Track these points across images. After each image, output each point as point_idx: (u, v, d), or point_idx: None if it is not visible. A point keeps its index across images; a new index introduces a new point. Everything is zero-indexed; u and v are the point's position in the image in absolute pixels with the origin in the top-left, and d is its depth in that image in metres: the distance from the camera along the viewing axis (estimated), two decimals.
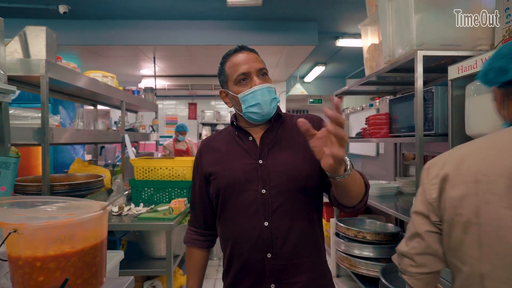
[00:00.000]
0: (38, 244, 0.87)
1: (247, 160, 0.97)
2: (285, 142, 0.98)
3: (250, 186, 0.94)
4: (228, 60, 0.99)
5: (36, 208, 0.97)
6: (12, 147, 1.12)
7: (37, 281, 0.86)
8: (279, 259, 0.92)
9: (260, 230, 0.92)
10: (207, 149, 1.06)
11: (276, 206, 0.93)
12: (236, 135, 1.03)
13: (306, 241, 0.95)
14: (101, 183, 2.26)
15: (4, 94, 1.10)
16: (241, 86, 0.96)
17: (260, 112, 0.95)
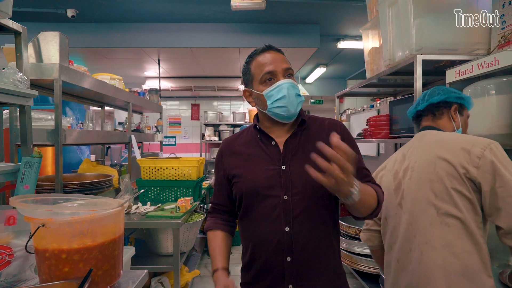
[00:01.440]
0: (63, 237, 0.94)
1: (269, 165, 0.97)
2: (308, 148, 0.97)
3: (272, 192, 0.95)
4: (254, 59, 0.98)
5: (60, 205, 1.04)
6: (35, 148, 1.19)
7: (63, 271, 0.94)
8: (297, 263, 0.94)
9: (281, 235, 0.94)
10: (229, 150, 1.06)
11: (297, 212, 0.94)
12: (259, 139, 1.02)
13: (324, 245, 0.97)
14: (110, 182, 2.33)
15: (27, 98, 1.17)
16: (266, 85, 0.96)
17: (286, 106, 0.94)
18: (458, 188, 0.98)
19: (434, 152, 1.06)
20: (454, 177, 0.99)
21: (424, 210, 1.03)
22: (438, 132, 1.15)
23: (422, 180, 1.06)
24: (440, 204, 1.00)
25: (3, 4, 1.04)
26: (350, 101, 6.81)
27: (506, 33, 1.53)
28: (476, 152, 0.97)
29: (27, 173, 1.11)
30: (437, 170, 1.02)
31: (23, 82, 1.12)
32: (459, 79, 1.57)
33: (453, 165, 1.00)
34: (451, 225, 0.98)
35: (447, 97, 1.18)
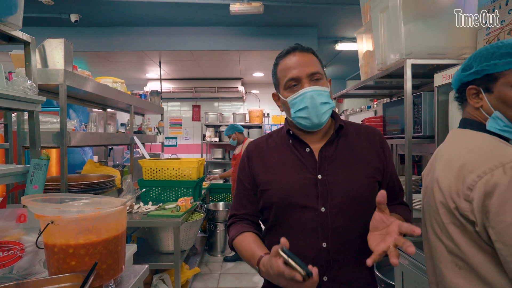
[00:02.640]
0: (70, 233, 1.02)
1: (305, 174, 0.88)
2: (346, 157, 0.90)
3: (308, 202, 0.86)
4: (280, 63, 0.93)
5: (67, 204, 1.12)
6: (43, 150, 1.28)
7: (70, 265, 1.02)
8: (335, 283, 0.86)
9: (318, 251, 0.85)
10: (257, 154, 0.97)
11: (336, 226, 0.85)
12: (291, 144, 0.94)
13: (363, 261, 0.83)
14: (112, 182, 2.41)
15: (35, 104, 1.26)
16: (291, 92, 0.90)
17: (308, 117, 0.87)
18: (456, 223, 0.77)
19: (438, 171, 0.84)
20: (448, 211, 0.78)
21: (435, 245, 0.83)
22: (463, 133, 0.87)
23: (431, 206, 0.85)
24: (446, 241, 0.79)
25: (14, 17, 1.12)
26: (350, 102, 6.87)
27: (490, 38, 1.60)
28: (470, 179, 0.72)
29: (36, 174, 1.19)
30: (434, 198, 0.83)
31: (32, 89, 1.21)
32: (446, 82, 1.63)
33: (444, 195, 0.79)
34: (461, 267, 0.76)
35: (459, 78, 0.89)
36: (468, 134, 0.84)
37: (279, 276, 0.70)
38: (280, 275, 0.69)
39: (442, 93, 1.71)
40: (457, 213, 0.75)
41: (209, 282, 3.02)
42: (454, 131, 0.92)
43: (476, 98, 0.84)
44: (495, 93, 0.80)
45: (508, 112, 0.79)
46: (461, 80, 0.88)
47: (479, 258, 0.73)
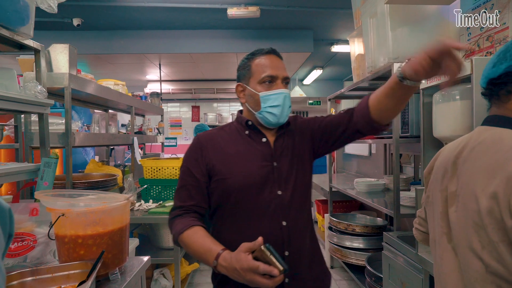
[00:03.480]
0: (79, 225, 1.12)
1: (262, 162, 0.97)
2: (292, 146, 1.02)
3: (267, 187, 0.95)
4: (257, 58, 0.99)
5: (75, 198, 1.22)
6: (52, 149, 1.37)
7: (79, 254, 1.12)
8: (295, 256, 0.95)
9: (279, 230, 0.94)
10: (211, 145, 1.01)
11: (292, 206, 0.96)
12: (247, 135, 1.02)
13: (312, 235, 1.03)
14: (115, 181, 2.51)
15: (45, 107, 1.36)
16: (265, 86, 0.97)
17: (277, 115, 0.97)
18: (508, 241, 0.66)
19: (478, 177, 0.73)
20: (500, 228, 0.67)
21: (470, 261, 0.73)
22: (499, 132, 0.76)
23: (466, 219, 0.75)
24: (488, 260, 0.69)
25: (26, 27, 1.22)
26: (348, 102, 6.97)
27: (471, 43, 1.70)
28: None
29: (46, 171, 1.29)
30: (480, 210, 0.70)
31: (42, 93, 1.30)
32: (429, 85, 1.73)
33: (499, 210, 0.67)
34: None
35: (509, 65, 0.74)
36: (507, 133, 0.74)
37: (248, 271, 0.74)
38: (251, 270, 0.74)
39: (427, 95, 1.81)
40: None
41: (208, 278, 3.11)
42: (484, 129, 0.80)
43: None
44: None
45: None
46: (510, 68, 0.74)
47: None
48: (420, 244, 1.50)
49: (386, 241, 1.86)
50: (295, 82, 6.38)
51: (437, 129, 1.69)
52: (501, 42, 1.48)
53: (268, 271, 0.73)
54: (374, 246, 2.61)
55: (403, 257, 1.66)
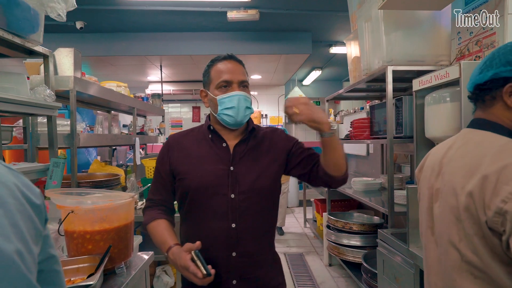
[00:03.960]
0: (87, 221, 1.19)
1: (219, 165, 1.02)
2: (254, 153, 1.06)
3: (220, 190, 1.00)
4: (215, 65, 1.04)
5: (83, 196, 1.29)
6: (60, 150, 1.44)
7: (87, 248, 1.19)
8: (242, 257, 1.00)
9: (228, 231, 0.99)
10: (177, 146, 1.08)
11: (243, 210, 1.00)
12: (210, 139, 1.07)
13: (266, 239, 1.06)
14: (118, 181, 2.58)
15: (53, 110, 1.42)
16: (221, 90, 1.02)
17: (233, 116, 1.01)
18: (480, 235, 0.73)
19: (458, 176, 0.79)
20: (475, 223, 0.73)
21: (449, 252, 0.81)
22: (480, 135, 0.82)
23: (447, 213, 0.82)
24: (464, 251, 0.76)
25: (36, 35, 1.29)
26: (346, 103, 7.03)
27: (461, 48, 1.76)
28: (506, 191, 0.68)
29: (55, 171, 1.36)
30: (459, 206, 0.77)
31: (51, 96, 1.37)
32: (422, 87, 1.80)
33: (475, 206, 0.73)
34: (477, 277, 0.75)
35: (497, 72, 0.79)
36: (489, 136, 0.80)
37: (183, 268, 0.89)
38: (184, 268, 0.89)
39: (420, 97, 1.88)
40: (486, 225, 0.71)
41: None
42: (468, 131, 0.87)
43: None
44: None
45: None
46: (497, 74, 0.78)
47: (498, 269, 0.72)
48: (412, 240, 1.57)
49: (380, 238, 1.93)
50: (294, 83, 6.44)
51: (429, 130, 1.76)
52: (489, 47, 1.55)
53: (194, 273, 0.87)
54: (371, 243, 2.68)
55: (396, 253, 1.73)
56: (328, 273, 3.15)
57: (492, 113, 0.82)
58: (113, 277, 1.22)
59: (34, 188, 0.44)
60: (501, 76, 0.78)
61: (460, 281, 0.78)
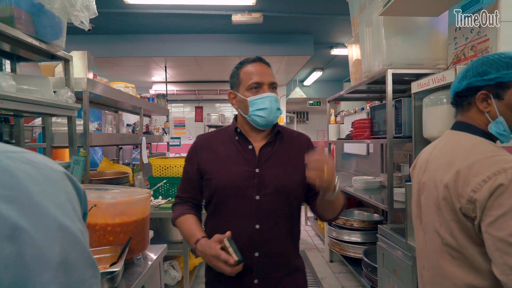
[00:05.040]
0: (108, 215, 1.28)
1: (245, 167, 1.04)
2: (280, 156, 1.07)
3: (246, 191, 1.02)
4: (245, 67, 1.06)
5: (103, 191, 1.38)
6: (80, 149, 1.53)
7: (108, 240, 1.28)
8: (265, 258, 1.02)
9: (252, 232, 1.01)
10: (205, 147, 1.11)
11: (267, 211, 1.02)
12: (236, 141, 1.09)
13: (288, 240, 1.06)
14: (127, 178, 2.67)
15: (73, 110, 1.52)
16: (252, 92, 1.04)
17: (265, 117, 1.03)
18: (456, 220, 0.86)
19: (439, 171, 0.92)
20: (451, 209, 0.86)
21: (432, 237, 0.94)
22: (458, 135, 0.95)
23: (430, 203, 0.95)
24: (443, 234, 0.89)
25: (59, 41, 1.38)
26: (347, 104, 7.12)
27: (458, 52, 1.86)
28: (475, 182, 0.80)
29: (75, 168, 1.45)
30: (439, 196, 0.90)
31: (72, 98, 1.47)
32: (420, 90, 1.89)
33: (450, 195, 0.86)
34: (455, 257, 0.87)
35: (470, 82, 0.91)
36: (465, 137, 0.92)
37: (214, 258, 0.92)
38: (215, 256, 0.91)
39: (418, 99, 1.97)
40: (460, 212, 0.83)
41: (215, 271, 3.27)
42: (450, 132, 0.99)
43: (484, 103, 0.90)
44: (505, 100, 0.87)
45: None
46: (471, 84, 0.90)
47: (472, 249, 0.83)
48: (410, 234, 1.66)
49: (380, 233, 2.02)
50: (295, 83, 6.54)
51: (427, 130, 1.85)
52: (483, 52, 1.64)
53: (226, 259, 0.89)
54: (371, 239, 2.77)
55: (395, 246, 1.82)
56: (330, 269, 3.24)
57: (469, 116, 0.94)
58: (132, 267, 1.31)
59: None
60: (474, 85, 0.90)
61: (442, 262, 0.91)
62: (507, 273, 0.75)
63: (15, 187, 0.33)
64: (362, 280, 2.55)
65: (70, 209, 0.38)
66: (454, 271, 0.88)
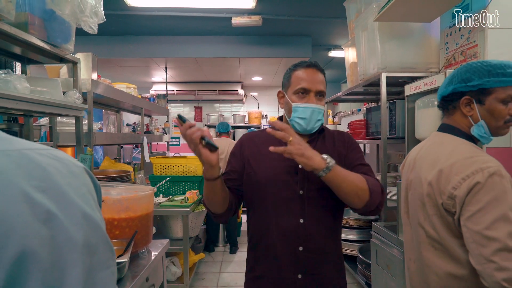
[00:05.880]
0: (114, 210, 1.35)
1: (289, 162, 1.02)
2: (322, 152, 1.05)
3: (289, 186, 1.03)
4: (298, 70, 1.07)
5: (109, 188, 1.45)
6: (87, 147, 1.60)
7: (115, 234, 1.35)
8: (309, 253, 1.02)
9: (296, 226, 1.02)
10: (250, 143, 1.14)
11: (311, 206, 1.02)
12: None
13: (332, 236, 1.06)
14: (129, 177, 2.74)
15: (80, 111, 1.59)
16: (298, 97, 1.05)
17: (303, 126, 1.05)
18: (438, 214, 0.94)
19: (424, 169, 1.00)
20: (434, 205, 0.94)
21: (418, 230, 1.02)
22: (443, 137, 1.04)
23: (416, 199, 1.03)
24: (427, 228, 0.97)
25: (69, 44, 1.45)
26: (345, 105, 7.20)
27: (449, 57, 1.94)
28: (455, 180, 0.88)
29: None
30: (423, 193, 0.98)
31: (79, 99, 1.54)
32: (413, 93, 1.97)
33: (433, 191, 0.94)
34: (437, 249, 0.96)
35: (455, 87, 0.99)
36: (449, 138, 1.00)
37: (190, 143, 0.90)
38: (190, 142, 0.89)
39: (411, 101, 2.05)
40: (442, 207, 0.91)
41: (213, 268, 3.35)
42: (436, 134, 1.08)
43: (468, 107, 0.97)
44: (486, 105, 0.95)
45: (492, 122, 0.96)
46: (456, 89, 0.98)
47: (452, 241, 0.91)
48: (401, 230, 1.74)
49: (374, 230, 2.10)
50: None
51: (419, 131, 1.93)
52: (472, 57, 1.72)
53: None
54: (366, 237, 2.85)
55: (387, 243, 1.90)
56: None
57: (453, 119, 1.03)
58: (137, 260, 1.38)
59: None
60: (459, 90, 0.98)
61: (425, 253, 0.99)
62: (482, 262, 0.83)
63: (46, 179, 0.37)
64: (357, 276, 2.62)
65: (90, 199, 0.43)
66: (436, 261, 0.96)
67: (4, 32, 1.06)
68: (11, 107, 1.06)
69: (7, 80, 1.05)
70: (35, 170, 0.36)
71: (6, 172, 0.33)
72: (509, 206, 0.83)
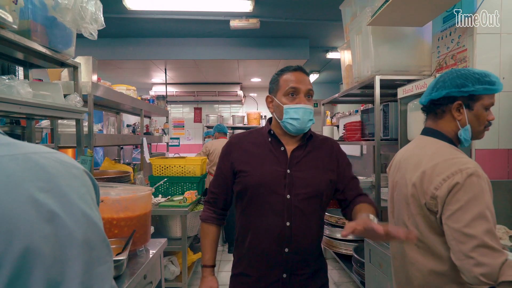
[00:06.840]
0: (113, 210, 1.40)
1: (277, 167, 1.08)
2: (310, 159, 1.12)
3: (277, 190, 1.07)
4: (285, 74, 1.11)
5: (108, 188, 1.50)
6: (87, 149, 1.65)
7: (114, 233, 1.40)
8: (294, 254, 1.06)
9: (282, 228, 1.06)
10: (239, 146, 1.16)
11: (298, 210, 1.06)
12: (269, 142, 1.14)
13: (316, 239, 1.11)
14: (128, 177, 2.79)
15: (81, 114, 1.64)
16: (288, 98, 1.09)
17: (297, 126, 1.08)
18: (421, 214, 0.99)
19: (408, 171, 1.05)
20: (417, 205, 0.99)
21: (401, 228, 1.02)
22: (426, 140, 1.08)
23: (401, 200, 1.07)
24: (410, 227, 1.02)
25: (70, 50, 1.50)
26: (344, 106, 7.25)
27: (440, 61, 1.98)
28: (437, 181, 0.93)
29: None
30: (408, 193, 1.03)
31: (80, 102, 1.58)
32: (405, 95, 2.02)
33: (417, 192, 0.99)
34: (420, 247, 1.00)
35: (449, 92, 1.01)
36: (432, 141, 1.05)
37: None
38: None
39: (404, 103, 2.10)
40: (425, 207, 0.95)
41: None
42: (420, 137, 1.12)
43: (458, 112, 1.01)
44: (474, 111, 1.00)
45: (476, 126, 1.01)
46: (449, 94, 1.01)
47: (434, 239, 0.96)
48: None
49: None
50: None
51: (411, 132, 1.98)
52: (461, 61, 1.77)
53: None
54: (361, 237, 2.89)
55: (380, 242, 1.94)
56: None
57: (439, 123, 1.06)
58: (135, 258, 1.43)
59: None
60: (452, 95, 1.01)
61: (408, 251, 1.05)
62: (461, 258, 0.88)
63: (49, 181, 0.40)
64: (353, 275, 2.67)
65: (89, 199, 0.47)
66: (419, 258, 1.01)
67: (9, 39, 1.11)
68: (14, 111, 1.11)
69: (10, 85, 1.10)
70: (39, 172, 0.40)
71: (14, 174, 0.37)
72: (486, 205, 0.88)
